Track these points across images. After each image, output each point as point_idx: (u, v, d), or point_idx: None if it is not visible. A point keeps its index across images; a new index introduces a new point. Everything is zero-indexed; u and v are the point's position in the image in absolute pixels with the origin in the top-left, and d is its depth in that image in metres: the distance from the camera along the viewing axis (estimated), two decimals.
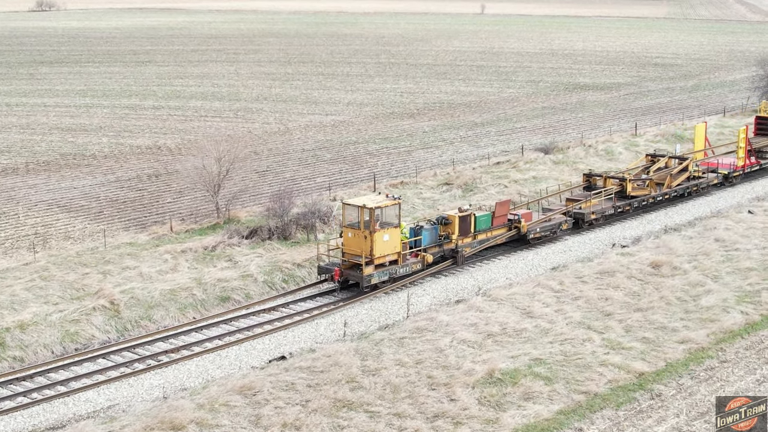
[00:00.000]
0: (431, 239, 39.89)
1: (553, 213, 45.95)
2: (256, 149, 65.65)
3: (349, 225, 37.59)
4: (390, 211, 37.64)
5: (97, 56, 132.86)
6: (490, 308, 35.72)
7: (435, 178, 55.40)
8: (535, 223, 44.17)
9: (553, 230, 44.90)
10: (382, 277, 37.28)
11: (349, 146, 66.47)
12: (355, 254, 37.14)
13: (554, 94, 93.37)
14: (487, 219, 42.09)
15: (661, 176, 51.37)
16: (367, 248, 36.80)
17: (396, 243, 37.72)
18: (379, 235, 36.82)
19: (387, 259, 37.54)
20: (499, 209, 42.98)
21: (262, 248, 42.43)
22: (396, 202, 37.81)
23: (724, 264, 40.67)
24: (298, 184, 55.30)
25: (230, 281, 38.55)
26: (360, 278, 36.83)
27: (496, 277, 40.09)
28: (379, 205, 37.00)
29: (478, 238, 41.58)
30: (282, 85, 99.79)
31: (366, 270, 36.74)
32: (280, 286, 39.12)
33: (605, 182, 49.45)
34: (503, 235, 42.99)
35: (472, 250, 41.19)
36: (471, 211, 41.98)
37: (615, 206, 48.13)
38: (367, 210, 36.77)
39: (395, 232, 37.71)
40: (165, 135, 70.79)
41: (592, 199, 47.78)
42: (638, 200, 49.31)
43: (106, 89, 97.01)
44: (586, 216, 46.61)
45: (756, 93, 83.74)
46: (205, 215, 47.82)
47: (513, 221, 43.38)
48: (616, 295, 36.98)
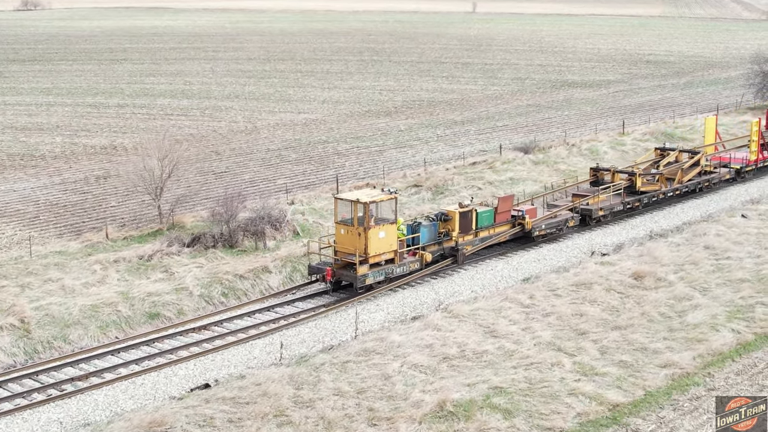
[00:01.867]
0: (430, 236, 37.13)
1: (559, 209, 43.10)
2: (218, 149, 61.64)
3: (342, 221, 34.81)
4: (386, 206, 34.84)
5: (72, 54, 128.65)
6: (450, 326, 31.65)
7: (404, 180, 51.34)
8: (540, 220, 41.33)
9: (559, 227, 42.13)
10: (377, 277, 34.62)
11: (318, 146, 62.40)
12: (349, 252, 34.31)
13: (540, 91, 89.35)
14: (489, 215, 39.32)
15: (672, 171, 48.45)
16: (361, 246, 34.01)
17: (392, 240, 34.96)
18: (374, 232, 34.10)
19: (383, 257, 34.82)
20: (502, 205, 40.18)
21: (204, 257, 38.37)
22: (392, 197, 34.91)
23: (714, 274, 36.66)
24: (257, 186, 51.23)
25: (162, 295, 34.44)
26: (354, 278, 34.01)
27: (459, 290, 36.01)
28: (374, 199, 34.25)
29: (480, 235, 38.94)
30: (257, 82, 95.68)
31: (360, 269, 33.97)
32: (218, 301, 35.03)
33: (613, 177, 46.66)
34: (507, 232, 40.15)
35: (473, 248, 38.47)
36: (472, 206, 39.09)
37: (624, 202, 45.28)
38: (361, 205, 33.92)
39: (391, 228, 34.94)
40: (124, 134, 66.68)
41: (600, 195, 44.73)
42: (648, 196, 46.54)
43: (73, 87, 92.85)
44: (594, 212, 43.91)
45: (751, 90, 79.81)
46: (149, 220, 43.73)
47: (517, 217, 40.58)
48: (592, 310, 32.92)
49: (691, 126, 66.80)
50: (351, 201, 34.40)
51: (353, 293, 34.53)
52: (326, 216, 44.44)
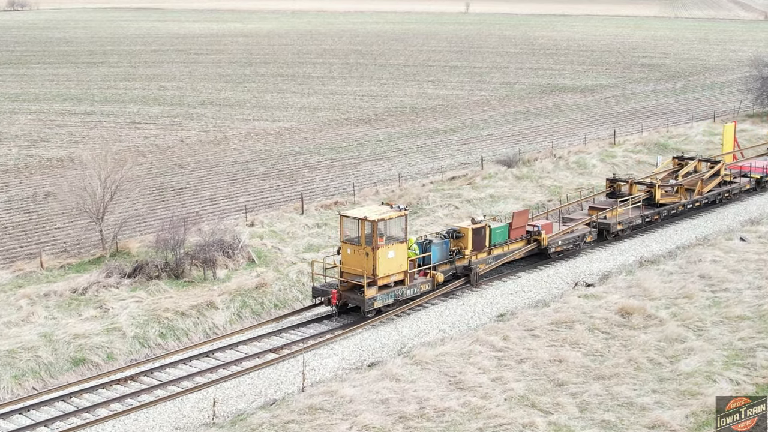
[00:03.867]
0: (441, 255, 34.89)
1: (576, 223, 40.65)
2: (182, 161, 57.82)
3: (348, 240, 32.56)
4: (395, 224, 32.60)
5: (50, 57, 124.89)
6: (411, 375, 27.88)
7: (376, 197, 47.51)
8: (556, 236, 39.10)
9: (576, 243, 39.82)
10: (386, 299, 32.42)
11: (289, 158, 58.57)
12: (356, 274, 32.12)
13: (529, 97, 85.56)
14: (503, 231, 37.17)
15: (692, 181, 45.82)
16: (369, 267, 31.77)
17: (402, 260, 32.69)
18: (382, 251, 31.86)
19: (392, 279, 32.57)
20: (517, 220, 37.80)
21: (145, 290, 34.60)
22: (402, 214, 32.64)
23: (710, 310, 32.94)
24: (216, 204, 47.45)
25: (90, 337, 30.64)
26: (361, 301, 31.75)
27: (426, 329, 32.23)
28: (383, 217, 31.98)
29: (494, 253, 36.76)
30: (234, 87, 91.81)
31: (368, 292, 31.65)
32: (154, 343, 31.24)
33: (631, 188, 44.20)
34: (522, 249, 37.89)
35: (487, 266, 36.28)
36: (485, 222, 36.91)
37: (642, 215, 42.77)
38: (369, 223, 31.69)
39: (401, 248, 32.68)
40: (85, 145, 62.80)
41: (619, 208, 41.85)
42: (667, 208, 44.15)
43: (42, 92, 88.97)
44: (612, 226, 41.41)
45: (749, 96, 76.03)
46: (92, 245, 39.94)
47: (532, 233, 38.33)
48: (572, 356, 29.14)
49: (685, 136, 63.08)
50: (358, 219, 32.06)
51: (360, 318, 32.20)
52: (286, 240, 40.73)
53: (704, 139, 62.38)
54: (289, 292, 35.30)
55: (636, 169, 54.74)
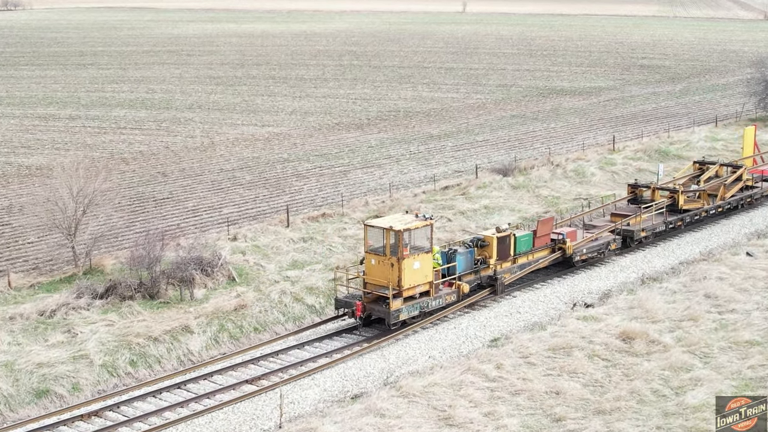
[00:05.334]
0: (466, 265, 34.01)
1: (600, 231, 39.61)
2: (166, 168, 55.80)
3: (372, 250, 31.72)
4: (421, 234, 31.67)
5: (39, 59, 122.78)
6: (397, 410, 25.90)
7: (366, 209, 45.57)
8: (581, 243, 38.11)
9: (600, 251, 38.84)
10: (411, 311, 31.49)
11: (277, 165, 56.54)
12: (380, 285, 31.38)
13: (526, 100, 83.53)
14: (528, 240, 36.29)
15: (714, 187, 44.97)
16: (395, 278, 30.96)
17: (428, 271, 31.81)
18: (408, 262, 30.98)
19: (417, 290, 31.68)
20: (542, 228, 36.97)
21: (117, 312, 32.58)
22: (428, 223, 31.80)
23: (717, 334, 30.98)
24: (198, 216, 45.44)
25: (55, 366, 28.64)
26: (386, 314, 30.90)
27: (414, 356, 30.24)
28: (408, 227, 31.12)
29: (519, 261, 35.87)
30: (224, 90, 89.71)
31: (393, 304, 30.79)
32: (123, 371, 29.25)
33: (653, 194, 43.27)
34: (546, 257, 36.97)
35: (512, 276, 35.36)
36: (510, 230, 35.85)
37: (666, 222, 41.80)
38: (394, 233, 30.76)
39: (427, 258, 31.78)
40: (67, 152, 60.73)
41: (642, 214, 41.01)
42: (690, 214, 43.22)
43: (27, 96, 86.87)
44: (636, 233, 40.41)
45: (752, 99, 74.02)
46: (66, 262, 37.91)
47: (557, 241, 37.36)
48: (571, 387, 27.17)
49: (687, 142, 61.06)
50: (383, 228, 31.14)
51: (385, 330, 31.32)
52: (270, 256, 38.71)
53: (706, 145, 60.38)
54: (270, 314, 33.32)
55: (636, 177, 52.68)
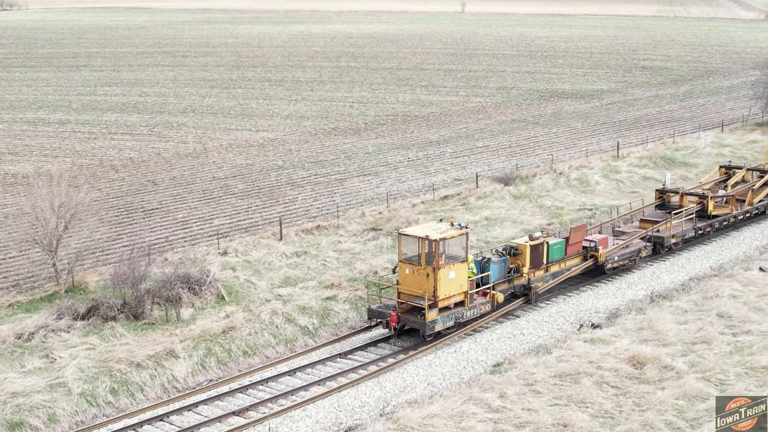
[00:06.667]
0: (500, 274, 33.53)
1: (631, 237, 39.01)
2: (157, 176, 54.08)
3: (406, 260, 31.24)
4: (456, 243, 31.25)
5: (32, 60, 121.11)
6: None
7: (362, 220, 43.89)
8: (613, 251, 37.42)
9: (632, 258, 38.29)
10: (446, 322, 30.97)
11: (272, 173, 54.81)
12: (415, 295, 30.84)
13: (527, 103, 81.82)
14: (560, 247, 35.72)
15: (742, 191, 43.98)
16: (430, 288, 30.43)
17: (463, 281, 31.35)
18: (444, 272, 30.49)
19: (452, 300, 31.20)
20: (574, 235, 36.40)
21: (99, 335, 30.83)
22: (463, 232, 31.46)
23: (732, 358, 29.30)
24: (188, 228, 43.73)
25: (31, 395, 26.90)
26: (422, 324, 30.34)
27: (413, 382, 28.53)
28: (444, 236, 30.64)
29: (551, 270, 35.30)
30: (219, 93, 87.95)
31: (429, 315, 30.25)
32: (104, 401, 27.52)
33: (681, 199, 42.86)
34: (579, 266, 36.37)
35: (545, 285, 34.75)
36: (542, 238, 35.10)
37: (696, 228, 41.36)
38: (430, 242, 30.32)
39: (462, 267, 31.33)
40: (56, 158, 59.05)
41: (672, 220, 40.41)
42: (719, 220, 42.75)
43: (18, 99, 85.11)
44: (666, 240, 39.85)
45: (758, 103, 72.38)
46: (47, 279, 36.18)
47: (589, 249, 36.78)
48: (579, 418, 25.46)
49: (693, 148, 59.37)
50: (418, 237, 30.69)
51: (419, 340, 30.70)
52: (261, 272, 37.00)
53: (713, 151, 58.70)
54: (260, 336, 31.60)
55: (642, 186, 51.15)
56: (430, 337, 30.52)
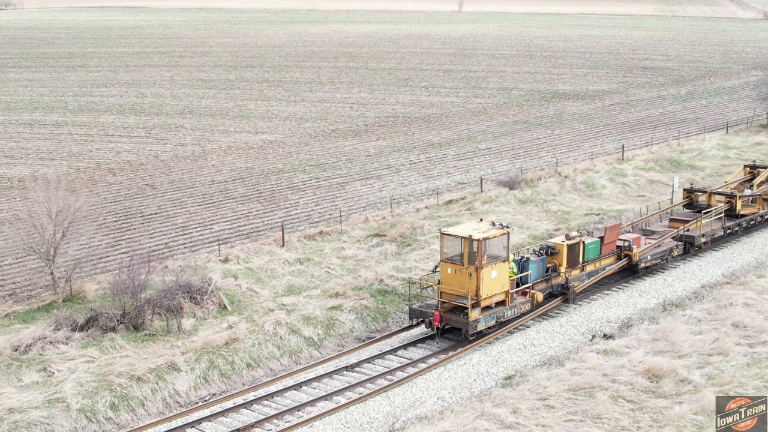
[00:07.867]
0: (538, 273, 33.85)
1: (662, 237, 39.25)
2: (155, 180, 53.18)
3: (448, 259, 31.35)
4: (498, 243, 31.36)
5: (27, 60, 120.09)
6: None
7: (365, 226, 43.04)
8: (646, 250, 37.65)
9: (664, 257, 38.57)
10: (488, 321, 31.20)
11: (272, 176, 53.93)
12: (457, 294, 31.05)
13: (528, 104, 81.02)
14: (595, 247, 35.96)
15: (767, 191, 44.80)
16: (473, 287, 30.63)
17: (504, 280, 31.66)
18: (486, 271, 30.72)
19: (494, 299, 31.50)
20: (609, 235, 36.49)
21: (98, 347, 29.97)
22: (505, 232, 31.67)
23: (750, 371, 28.48)
24: (188, 234, 42.83)
25: (28, 411, 26.05)
26: (465, 324, 30.54)
27: (422, 397, 27.70)
28: (487, 236, 30.80)
29: (587, 269, 35.58)
30: (217, 94, 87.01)
31: (472, 314, 30.47)
32: (104, 417, 26.66)
33: (709, 199, 42.96)
34: (613, 265, 36.57)
35: (582, 284, 35.03)
36: (578, 238, 35.35)
37: (725, 227, 41.66)
38: (473, 242, 30.38)
39: (503, 267, 31.58)
40: (52, 161, 58.12)
41: (702, 220, 40.75)
42: (747, 219, 43.00)
43: (13, 101, 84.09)
44: (696, 239, 40.21)
45: (762, 104, 71.65)
46: (44, 288, 35.28)
47: (623, 248, 36.99)
48: None
49: (699, 150, 58.57)
50: (461, 237, 30.79)
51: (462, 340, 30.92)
52: (264, 280, 36.14)
53: (719, 153, 57.92)
54: (264, 348, 30.76)
55: (649, 189, 50.42)
56: (472, 336, 30.61)
